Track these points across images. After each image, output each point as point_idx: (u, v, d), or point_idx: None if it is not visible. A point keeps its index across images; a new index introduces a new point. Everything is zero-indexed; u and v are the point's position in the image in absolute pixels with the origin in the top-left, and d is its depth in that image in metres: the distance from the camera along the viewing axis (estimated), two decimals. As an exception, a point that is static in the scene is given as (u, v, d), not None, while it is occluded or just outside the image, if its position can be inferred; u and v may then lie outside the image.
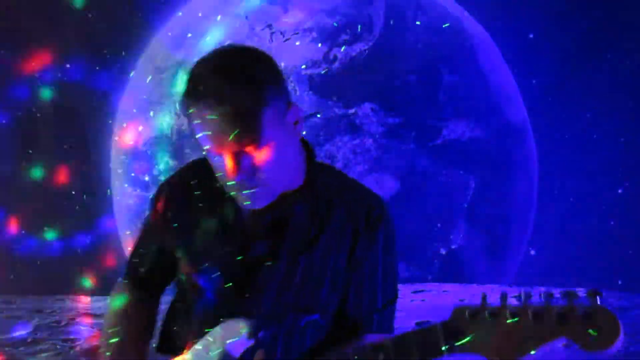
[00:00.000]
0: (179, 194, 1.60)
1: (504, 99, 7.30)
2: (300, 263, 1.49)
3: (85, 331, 5.59)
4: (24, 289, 6.72)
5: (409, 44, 7.25)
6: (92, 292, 6.91)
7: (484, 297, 1.21)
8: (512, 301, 1.20)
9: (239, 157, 1.36)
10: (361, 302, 1.54)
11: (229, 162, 1.36)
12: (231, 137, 1.33)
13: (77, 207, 7.11)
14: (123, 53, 7.20)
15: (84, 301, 6.82)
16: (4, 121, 7.08)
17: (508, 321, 1.16)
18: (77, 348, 5.15)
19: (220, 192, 1.49)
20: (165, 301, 1.75)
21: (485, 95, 7.28)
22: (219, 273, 1.52)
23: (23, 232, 6.92)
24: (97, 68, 7.05)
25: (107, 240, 7.23)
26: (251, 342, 1.43)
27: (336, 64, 7.18)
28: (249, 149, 1.36)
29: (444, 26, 7.19)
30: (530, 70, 7.10)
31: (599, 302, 1.11)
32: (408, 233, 6.73)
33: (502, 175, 7.32)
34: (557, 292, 1.14)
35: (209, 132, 1.34)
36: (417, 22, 7.13)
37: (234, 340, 1.45)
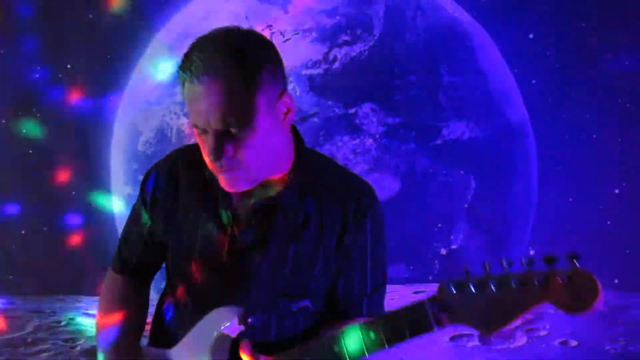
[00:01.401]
0: (168, 180, 1.55)
1: (504, 99, 7.31)
2: (290, 249, 1.45)
3: (86, 331, 5.59)
4: (24, 289, 6.72)
5: (409, 44, 7.25)
6: (92, 292, 6.92)
7: (467, 270, 1.20)
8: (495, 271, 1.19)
9: (222, 137, 1.31)
10: (351, 288, 1.51)
11: (211, 141, 1.32)
12: (217, 115, 1.29)
13: (77, 208, 7.11)
14: (123, 53, 7.20)
15: (84, 301, 6.83)
16: (3, 120, 7.10)
17: (492, 291, 1.16)
18: (77, 348, 5.15)
19: (210, 177, 1.45)
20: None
21: (485, 96, 7.29)
22: (208, 261, 1.48)
23: (23, 232, 6.93)
24: (98, 68, 7.06)
25: (108, 240, 7.24)
26: (241, 328, 1.42)
27: (336, 64, 7.19)
28: (233, 130, 1.31)
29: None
30: (530, 71, 7.10)
31: (577, 265, 1.10)
32: (408, 233, 6.72)
33: (501, 175, 7.33)
34: (537, 257, 1.12)
35: (198, 107, 1.31)
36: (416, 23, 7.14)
37: (225, 325, 1.42)
